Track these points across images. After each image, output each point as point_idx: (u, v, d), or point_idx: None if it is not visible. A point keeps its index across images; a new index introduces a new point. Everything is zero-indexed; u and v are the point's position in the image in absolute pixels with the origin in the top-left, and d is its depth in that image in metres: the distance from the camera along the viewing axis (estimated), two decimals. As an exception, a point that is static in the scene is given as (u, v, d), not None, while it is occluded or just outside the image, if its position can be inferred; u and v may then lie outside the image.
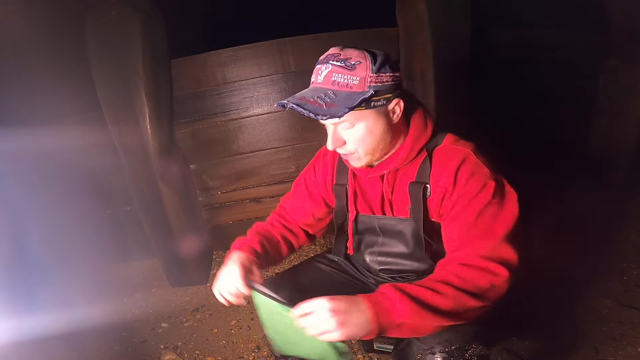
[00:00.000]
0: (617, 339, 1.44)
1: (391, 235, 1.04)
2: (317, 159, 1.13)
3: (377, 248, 1.08)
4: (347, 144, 0.89)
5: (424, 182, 0.92)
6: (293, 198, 1.17)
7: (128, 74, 1.65)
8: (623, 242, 1.99)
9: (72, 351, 1.64)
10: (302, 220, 1.16)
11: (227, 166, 2.05)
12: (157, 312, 1.87)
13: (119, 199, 2.09)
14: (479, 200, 0.85)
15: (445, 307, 0.76)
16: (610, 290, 1.69)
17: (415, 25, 1.78)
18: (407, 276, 1.09)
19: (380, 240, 1.07)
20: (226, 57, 1.88)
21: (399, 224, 1.00)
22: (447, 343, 0.92)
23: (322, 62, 0.86)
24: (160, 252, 1.97)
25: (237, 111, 1.95)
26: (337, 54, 0.85)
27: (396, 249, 1.04)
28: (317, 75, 0.86)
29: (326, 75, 0.84)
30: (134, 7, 1.62)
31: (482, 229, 0.84)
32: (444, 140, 0.94)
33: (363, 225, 1.07)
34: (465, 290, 0.78)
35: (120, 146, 1.77)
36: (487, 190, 0.85)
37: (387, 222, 1.02)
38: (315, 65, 0.87)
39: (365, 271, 1.18)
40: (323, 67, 0.85)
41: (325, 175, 1.10)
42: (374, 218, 1.04)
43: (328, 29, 1.88)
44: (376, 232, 1.06)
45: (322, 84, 0.84)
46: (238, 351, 1.60)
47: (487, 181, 0.85)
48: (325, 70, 0.84)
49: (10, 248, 1.70)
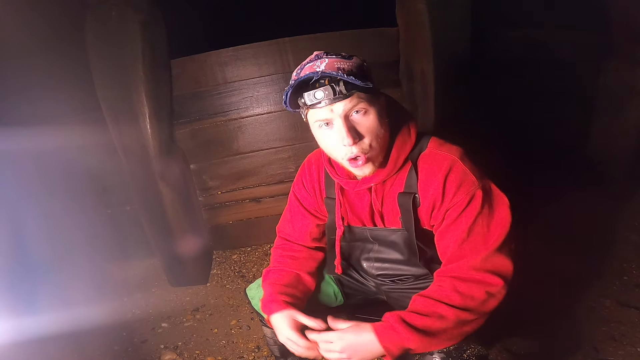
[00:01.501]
0: (617, 339, 1.44)
1: (385, 245, 1.03)
2: (303, 172, 1.08)
3: (373, 254, 1.07)
4: (364, 138, 0.83)
5: (412, 192, 0.91)
6: (292, 221, 1.11)
7: (128, 74, 1.65)
8: (623, 242, 1.99)
9: (72, 351, 1.64)
10: (308, 238, 1.10)
11: (227, 166, 2.05)
12: (157, 312, 1.87)
13: (119, 199, 2.09)
14: (469, 213, 0.84)
15: (449, 328, 0.81)
16: (610, 290, 1.69)
17: (415, 25, 1.78)
18: (405, 279, 1.09)
19: (375, 248, 1.05)
20: (226, 57, 1.88)
21: (391, 235, 0.99)
22: None
23: (313, 60, 0.82)
24: (160, 252, 1.97)
25: (237, 111, 1.95)
26: (322, 53, 0.83)
27: (392, 256, 1.03)
28: (314, 69, 0.80)
29: (327, 64, 0.80)
30: (134, 7, 1.62)
31: (474, 241, 0.84)
32: (429, 144, 0.91)
33: (356, 235, 1.05)
34: (464, 308, 0.81)
35: (120, 146, 1.77)
36: (476, 201, 0.84)
37: (379, 233, 1.01)
38: (300, 69, 0.83)
39: (364, 274, 1.18)
40: (318, 62, 0.81)
41: (314, 188, 1.06)
42: (365, 229, 1.02)
43: (328, 29, 1.88)
44: (370, 241, 1.05)
45: (325, 70, 0.79)
46: (238, 351, 1.60)
47: (475, 191, 0.84)
48: (323, 63, 0.80)
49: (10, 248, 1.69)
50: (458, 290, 0.81)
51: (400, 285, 1.10)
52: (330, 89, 0.78)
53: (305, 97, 0.81)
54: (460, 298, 0.81)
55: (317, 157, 1.07)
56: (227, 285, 2.00)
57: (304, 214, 1.09)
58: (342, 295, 1.17)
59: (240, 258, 2.19)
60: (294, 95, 0.83)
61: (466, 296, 0.81)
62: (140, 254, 2.19)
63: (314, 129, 0.87)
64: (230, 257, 2.20)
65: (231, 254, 2.22)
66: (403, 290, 1.10)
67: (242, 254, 2.21)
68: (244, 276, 2.04)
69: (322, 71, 0.78)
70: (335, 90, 0.78)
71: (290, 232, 1.11)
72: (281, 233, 1.14)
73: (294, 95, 0.83)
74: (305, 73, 0.80)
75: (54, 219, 1.89)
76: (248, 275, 2.05)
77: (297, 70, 0.84)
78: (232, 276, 2.06)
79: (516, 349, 1.43)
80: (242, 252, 2.22)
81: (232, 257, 2.20)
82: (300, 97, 0.83)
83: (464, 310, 0.80)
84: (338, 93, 0.78)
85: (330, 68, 0.79)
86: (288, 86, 0.82)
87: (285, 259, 1.08)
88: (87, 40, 1.64)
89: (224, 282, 2.03)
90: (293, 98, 0.84)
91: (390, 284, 1.12)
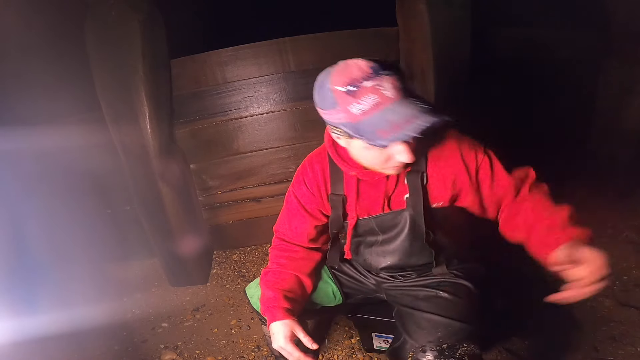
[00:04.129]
0: (617, 339, 1.44)
1: (390, 231, 1.04)
2: (304, 172, 1.07)
3: (377, 247, 1.09)
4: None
5: (420, 170, 0.96)
6: (289, 222, 1.11)
7: (128, 74, 1.65)
8: (623, 242, 1.99)
9: (72, 351, 1.64)
10: (305, 239, 1.11)
11: (227, 166, 2.05)
12: (157, 312, 1.87)
13: (119, 199, 2.09)
14: (497, 165, 0.99)
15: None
16: (610, 290, 1.69)
17: (415, 25, 1.78)
18: (407, 274, 1.11)
19: (379, 239, 1.07)
20: (226, 56, 1.88)
21: (396, 217, 1.02)
22: (439, 341, 0.94)
23: (369, 78, 0.76)
24: (160, 252, 1.97)
25: (237, 111, 1.95)
26: (372, 65, 0.78)
27: (395, 244, 1.05)
28: (381, 93, 0.76)
29: (394, 87, 0.77)
30: (133, 7, 1.62)
31: (514, 177, 0.99)
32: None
33: (362, 228, 1.07)
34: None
35: (120, 146, 1.77)
36: (493, 155, 0.99)
37: (384, 219, 1.03)
38: (354, 85, 0.76)
39: (364, 271, 1.19)
40: (379, 81, 0.76)
41: (318, 186, 1.06)
42: (370, 219, 1.04)
43: (328, 29, 1.88)
44: (375, 232, 1.06)
45: (400, 96, 0.77)
46: (238, 351, 1.60)
47: (486, 149, 0.99)
48: (389, 83, 0.77)
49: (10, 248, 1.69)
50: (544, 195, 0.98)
51: (402, 282, 1.11)
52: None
53: (400, 137, 0.76)
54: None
55: (319, 156, 1.07)
56: (227, 285, 2.00)
57: (302, 215, 1.09)
58: (340, 294, 1.18)
59: (240, 258, 2.19)
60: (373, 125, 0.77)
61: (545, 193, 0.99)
62: (140, 254, 2.19)
63: (357, 146, 0.85)
64: (230, 257, 2.20)
65: (231, 253, 2.22)
66: (403, 287, 1.11)
67: (242, 254, 2.21)
68: (244, 276, 2.05)
69: (428, 125, 0.75)
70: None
71: (288, 232, 1.12)
72: (278, 233, 1.14)
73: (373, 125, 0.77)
74: (412, 125, 0.75)
75: (54, 218, 1.89)
76: (248, 275, 2.05)
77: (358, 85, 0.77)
78: (232, 276, 2.06)
79: (516, 349, 1.43)
80: (242, 251, 2.22)
81: (232, 256, 2.20)
82: (390, 133, 0.76)
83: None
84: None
85: (399, 94, 0.77)
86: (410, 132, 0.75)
87: (283, 259, 1.09)
88: (87, 40, 1.64)
89: (224, 282, 2.03)
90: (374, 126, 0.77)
91: (391, 281, 1.13)
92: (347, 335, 1.57)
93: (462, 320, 0.97)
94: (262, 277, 1.09)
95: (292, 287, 1.05)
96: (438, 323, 0.98)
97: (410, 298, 1.08)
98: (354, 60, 0.79)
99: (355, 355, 1.48)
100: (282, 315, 0.97)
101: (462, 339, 0.95)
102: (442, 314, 0.99)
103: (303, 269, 1.09)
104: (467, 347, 0.93)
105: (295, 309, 1.01)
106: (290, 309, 0.99)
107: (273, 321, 0.97)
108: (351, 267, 1.20)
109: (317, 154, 1.08)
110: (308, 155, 1.10)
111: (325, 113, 0.83)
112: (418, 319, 1.01)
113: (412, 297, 1.08)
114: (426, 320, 1.00)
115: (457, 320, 0.97)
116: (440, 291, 1.05)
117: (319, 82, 0.83)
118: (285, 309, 0.98)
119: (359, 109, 0.77)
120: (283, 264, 1.08)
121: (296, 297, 1.04)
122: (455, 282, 1.07)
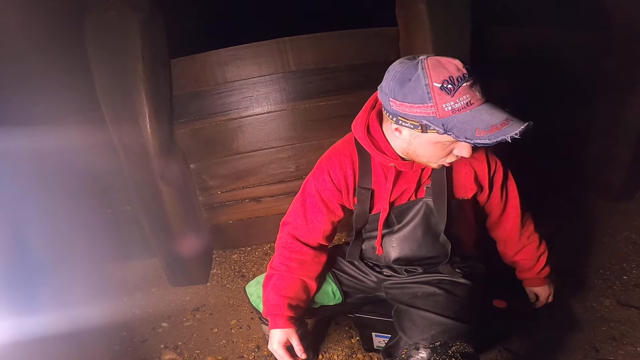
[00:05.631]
0: (617, 339, 1.44)
1: (404, 219, 1.07)
2: (331, 164, 1.04)
3: (390, 237, 1.10)
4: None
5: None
6: (305, 216, 1.08)
7: (128, 74, 1.65)
8: (623, 242, 1.99)
9: (72, 351, 1.64)
10: (320, 235, 1.09)
11: (227, 165, 2.05)
12: (157, 312, 1.87)
13: (119, 199, 2.08)
14: (511, 180, 1.14)
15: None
16: (610, 290, 1.69)
17: (415, 24, 1.78)
18: (413, 269, 1.14)
19: (395, 229, 1.09)
20: (226, 56, 1.88)
21: (412, 206, 1.05)
22: (432, 339, 0.95)
23: (462, 79, 0.78)
24: (160, 252, 1.97)
25: (236, 110, 1.95)
26: (467, 66, 0.81)
27: (405, 232, 1.08)
28: (473, 94, 0.80)
29: (481, 90, 0.81)
30: (133, 7, 1.62)
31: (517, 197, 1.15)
32: None
33: (375, 224, 1.09)
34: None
35: (120, 146, 1.76)
36: (507, 170, 1.12)
37: (401, 209, 1.06)
38: (452, 83, 0.78)
39: (365, 269, 1.19)
40: (469, 82, 0.79)
41: (346, 178, 1.04)
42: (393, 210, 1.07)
43: (327, 29, 1.87)
44: (392, 223, 1.08)
45: (485, 99, 0.82)
46: (238, 351, 1.60)
47: (503, 163, 1.09)
48: (479, 85, 0.81)
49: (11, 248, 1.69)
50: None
51: (405, 279, 1.12)
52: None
53: (500, 137, 0.79)
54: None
55: (347, 148, 1.05)
56: (227, 285, 2.00)
57: (321, 210, 1.06)
58: (340, 293, 1.18)
59: (240, 258, 2.19)
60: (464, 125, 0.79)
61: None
62: (140, 254, 2.19)
63: (425, 140, 0.85)
64: (230, 256, 2.20)
65: (231, 253, 2.22)
66: (404, 284, 1.12)
67: (242, 254, 2.21)
68: (244, 276, 2.05)
69: (518, 133, 0.79)
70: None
71: (303, 227, 1.08)
72: (289, 227, 1.10)
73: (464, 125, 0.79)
74: (504, 129, 0.79)
75: (54, 219, 1.89)
76: (248, 274, 2.05)
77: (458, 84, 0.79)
78: (232, 276, 2.06)
79: (516, 349, 1.43)
80: (242, 251, 2.22)
81: (232, 256, 2.20)
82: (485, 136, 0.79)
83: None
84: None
85: (486, 96, 0.82)
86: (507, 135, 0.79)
87: (294, 263, 1.07)
88: (87, 40, 1.63)
89: (224, 281, 2.03)
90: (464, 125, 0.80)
91: (394, 277, 1.14)
92: (347, 335, 1.57)
93: (457, 318, 0.98)
94: (267, 276, 1.09)
95: (297, 294, 1.06)
96: (433, 321, 0.98)
97: (408, 296, 1.09)
98: (447, 59, 0.80)
99: (355, 355, 1.48)
100: (284, 324, 1.01)
101: (455, 337, 0.95)
102: (438, 312, 0.99)
103: (310, 273, 1.09)
104: (461, 346, 0.93)
105: (297, 314, 1.05)
106: (292, 316, 1.03)
107: (274, 328, 1.01)
108: (351, 266, 1.21)
109: (344, 147, 1.05)
110: (331, 147, 1.08)
111: (407, 106, 0.81)
112: (413, 316, 1.02)
113: (410, 295, 1.08)
114: (421, 317, 1.00)
115: (452, 319, 0.97)
116: (438, 289, 1.05)
117: (405, 75, 0.80)
118: (287, 317, 1.01)
119: (452, 106, 0.78)
120: (292, 268, 1.06)
121: (300, 302, 1.06)
122: (455, 281, 1.08)
